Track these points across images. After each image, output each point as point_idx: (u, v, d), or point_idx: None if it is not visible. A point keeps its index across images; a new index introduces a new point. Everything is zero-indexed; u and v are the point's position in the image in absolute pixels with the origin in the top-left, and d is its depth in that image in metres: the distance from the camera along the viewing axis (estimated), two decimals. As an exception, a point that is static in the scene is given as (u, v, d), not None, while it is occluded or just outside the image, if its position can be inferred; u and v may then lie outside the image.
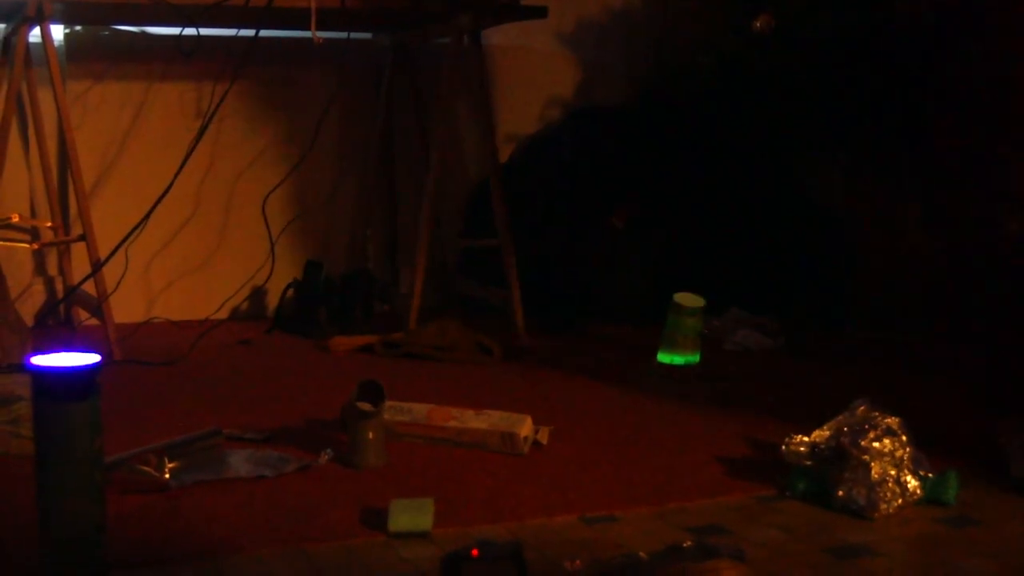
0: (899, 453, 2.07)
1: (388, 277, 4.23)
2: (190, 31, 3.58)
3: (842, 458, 2.07)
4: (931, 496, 2.09)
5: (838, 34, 3.70)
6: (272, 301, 4.06)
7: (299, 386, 3.00)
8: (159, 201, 3.36)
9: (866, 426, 2.10)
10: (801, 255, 4.03)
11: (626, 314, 3.98)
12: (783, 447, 2.17)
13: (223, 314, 4.03)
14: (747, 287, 3.96)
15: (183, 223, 4.02)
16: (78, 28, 3.86)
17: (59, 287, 3.91)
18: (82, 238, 3.35)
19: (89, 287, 3.40)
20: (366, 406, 2.28)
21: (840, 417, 2.17)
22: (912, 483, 2.06)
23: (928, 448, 2.15)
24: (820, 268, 4.02)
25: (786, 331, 3.72)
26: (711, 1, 4.15)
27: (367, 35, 4.14)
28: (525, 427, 2.43)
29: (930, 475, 2.12)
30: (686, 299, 3.21)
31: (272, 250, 4.01)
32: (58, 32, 3.82)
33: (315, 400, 2.81)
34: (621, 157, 4.17)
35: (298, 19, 3.41)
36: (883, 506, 2.01)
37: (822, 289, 4.00)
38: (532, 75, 4.46)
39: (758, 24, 3.84)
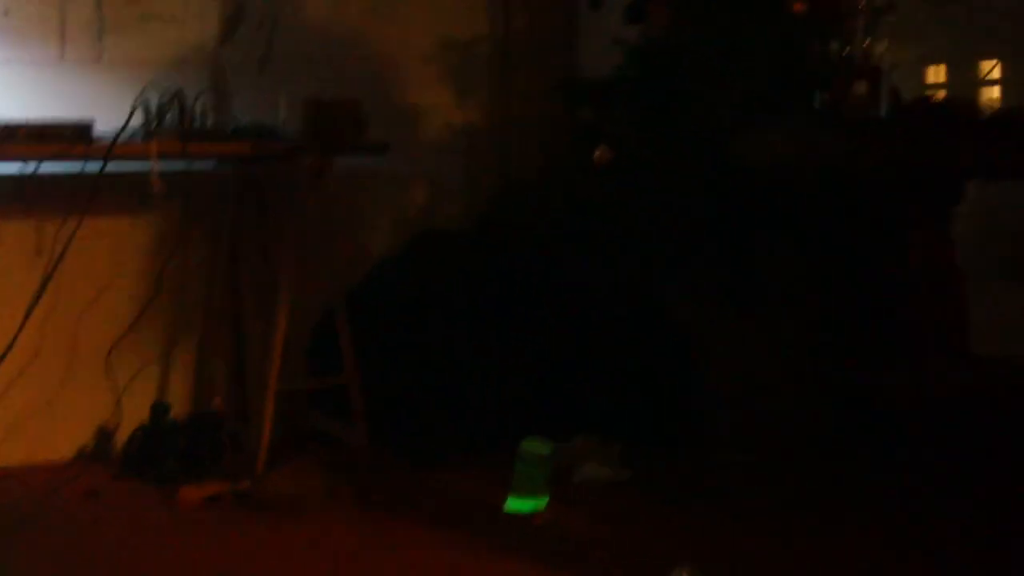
0: None
1: (237, 415, 4.21)
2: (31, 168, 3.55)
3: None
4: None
5: (674, 164, 3.80)
6: (119, 444, 4.02)
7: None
8: (4, 356, 3.32)
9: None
10: (649, 375, 4.11)
11: (482, 441, 4.02)
12: None
13: (69, 456, 3.98)
14: (598, 409, 4.03)
15: (25, 366, 3.96)
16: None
17: None
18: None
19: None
20: None
21: None
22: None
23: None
24: (667, 386, 4.10)
25: (634, 459, 3.78)
26: (553, 132, 4.25)
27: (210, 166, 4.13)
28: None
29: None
30: (533, 446, 3.27)
31: (119, 398, 3.98)
32: None
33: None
34: (463, 283, 4.22)
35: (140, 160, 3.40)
36: None
37: (671, 410, 4.08)
38: (380, 196, 4.49)
39: (597, 155, 3.94)
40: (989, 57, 5.29)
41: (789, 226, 3.48)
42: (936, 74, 6.62)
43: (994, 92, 6.28)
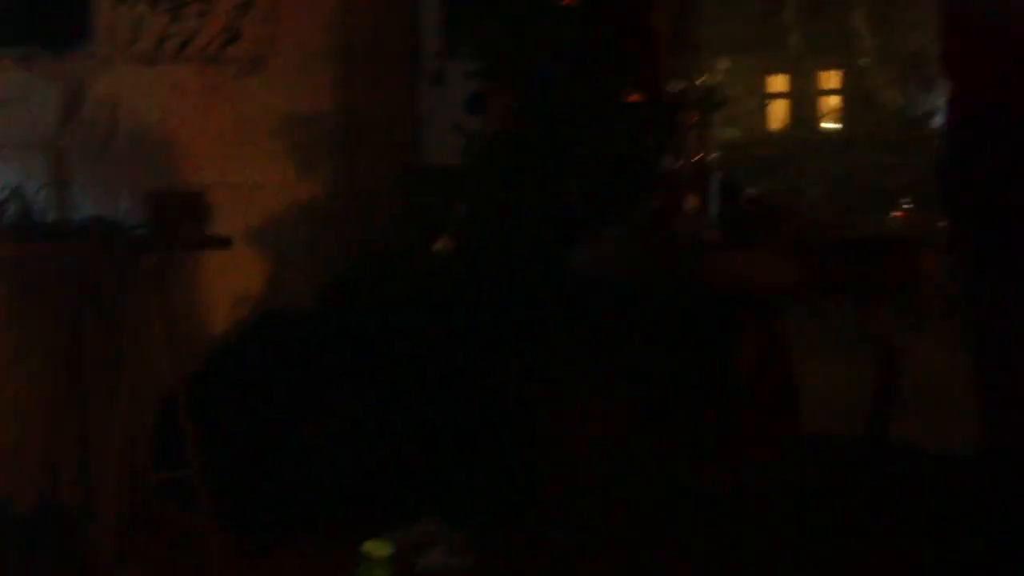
0: None
1: (82, 507, 4.19)
2: None
3: None
4: None
5: (510, 258, 3.90)
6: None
7: None
8: None
9: None
10: (493, 455, 4.19)
11: (326, 521, 4.06)
12: None
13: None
14: (444, 490, 4.10)
15: None
16: None
17: None
18: None
19: None
20: None
21: None
22: None
23: None
24: (511, 467, 4.19)
25: (481, 542, 3.86)
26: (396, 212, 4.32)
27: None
28: None
29: None
30: (375, 548, 3.32)
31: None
32: None
33: None
34: (305, 365, 4.26)
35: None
36: None
37: (515, 490, 4.16)
38: (221, 274, 4.50)
39: (438, 245, 4.02)
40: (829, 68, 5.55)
41: (618, 325, 3.59)
42: (776, 83, 6.85)
43: (832, 101, 6.52)
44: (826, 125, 6.71)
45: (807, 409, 3.66)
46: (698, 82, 3.37)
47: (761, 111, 6.96)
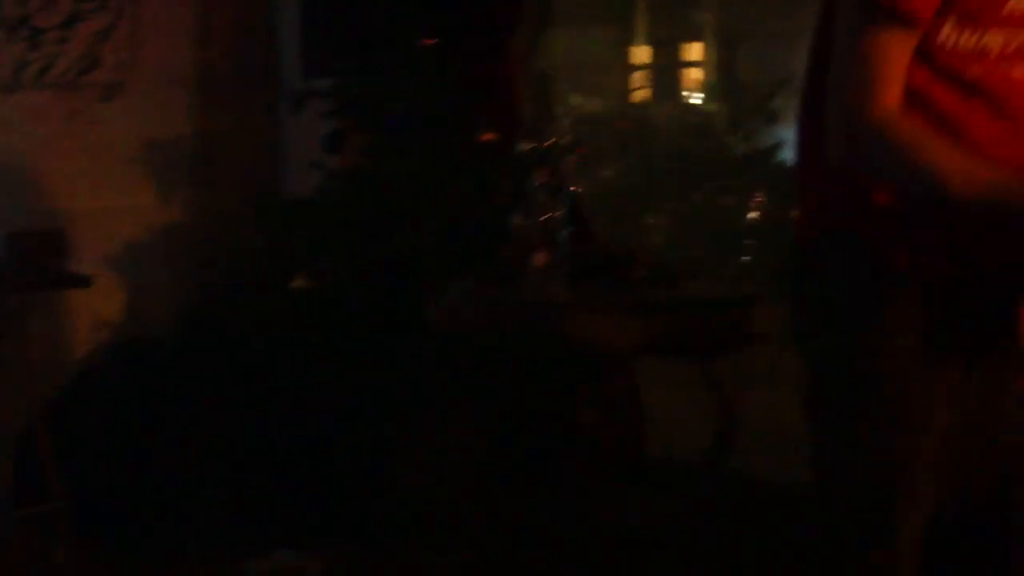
0: None
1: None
2: None
3: None
4: None
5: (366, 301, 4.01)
6: None
7: None
8: None
9: None
10: (352, 480, 4.29)
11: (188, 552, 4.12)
12: None
13: None
14: (302, 518, 4.19)
15: None
16: None
17: None
18: None
19: None
20: None
21: None
22: None
23: None
24: (366, 493, 4.30)
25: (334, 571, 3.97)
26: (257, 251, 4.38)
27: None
28: None
29: None
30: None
31: None
32: None
33: None
34: (160, 394, 4.31)
35: None
36: None
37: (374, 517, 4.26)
38: (79, 302, 4.53)
39: (297, 282, 4.11)
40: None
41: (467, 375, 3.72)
42: (640, 55, 6.95)
43: (694, 73, 6.64)
44: (690, 99, 6.76)
45: (666, 441, 3.87)
46: (547, 143, 3.49)
47: (624, 83, 7.03)
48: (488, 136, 4.07)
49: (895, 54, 1.90)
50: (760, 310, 3.49)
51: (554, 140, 3.49)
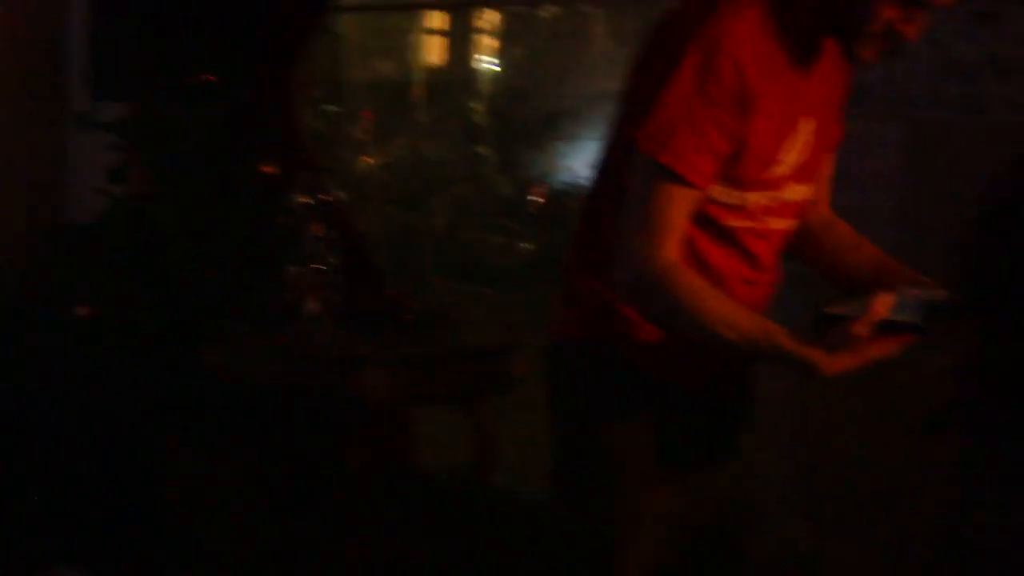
0: None
1: None
2: None
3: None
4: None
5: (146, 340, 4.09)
6: None
7: None
8: None
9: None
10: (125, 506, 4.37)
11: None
12: None
13: None
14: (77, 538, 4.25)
15: None
16: None
17: None
18: None
19: None
20: None
21: None
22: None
23: None
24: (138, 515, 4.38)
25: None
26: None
27: None
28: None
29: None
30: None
31: None
32: None
33: None
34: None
35: None
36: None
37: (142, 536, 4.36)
38: None
39: (80, 311, 4.18)
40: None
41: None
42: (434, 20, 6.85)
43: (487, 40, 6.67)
44: (485, 63, 6.72)
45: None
46: (324, 197, 3.64)
47: (417, 48, 7.01)
48: (268, 170, 4.19)
49: (679, 209, 2.11)
50: (521, 356, 3.71)
51: (333, 196, 3.64)
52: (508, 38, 5.48)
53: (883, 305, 2.01)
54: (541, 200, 4.96)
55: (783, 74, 2.16)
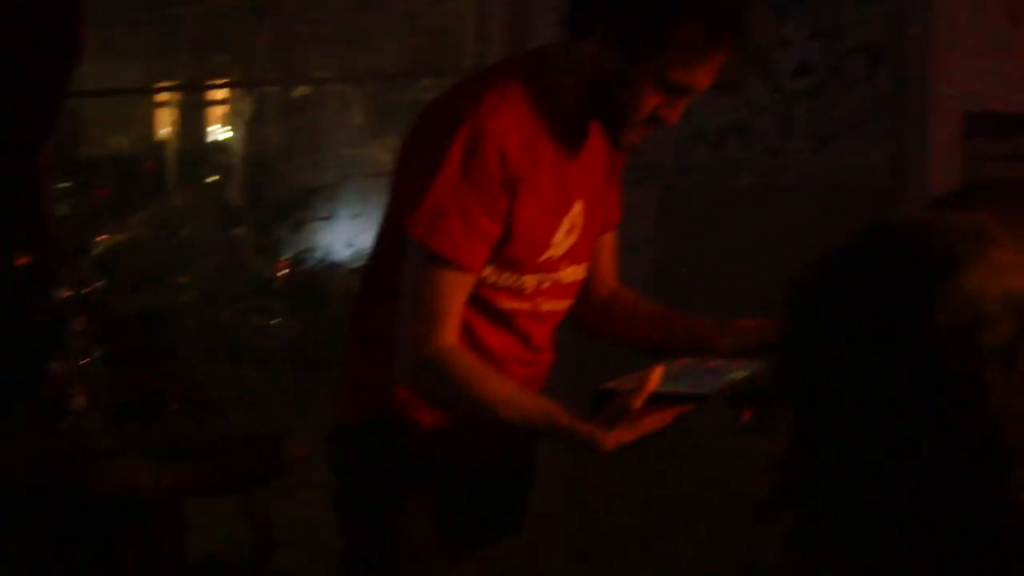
0: None
1: None
2: None
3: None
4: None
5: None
6: None
7: None
8: None
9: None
10: None
11: None
12: None
13: None
14: None
15: None
16: None
17: None
18: None
19: None
20: None
21: None
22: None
23: None
24: None
25: None
26: None
27: None
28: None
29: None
30: None
31: None
32: None
33: None
34: None
35: None
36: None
37: None
38: None
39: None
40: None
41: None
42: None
43: (219, 111, 6.65)
44: (217, 136, 6.68)
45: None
46: (86, 290, 3.56)
47: (150, 119, 6.95)
48: (22, 261, 4.09)
49: (454, 293, 2.14)
50: (295, 438, 3.69)
51: (94, 285, 3.56)
52: (260, 117, 5.48)
53: (655, 377, 2.07)
54: (286, 271, 4.97)
55: (551, 159, 2.21)
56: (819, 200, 3.55)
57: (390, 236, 2.26)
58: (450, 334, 2.15)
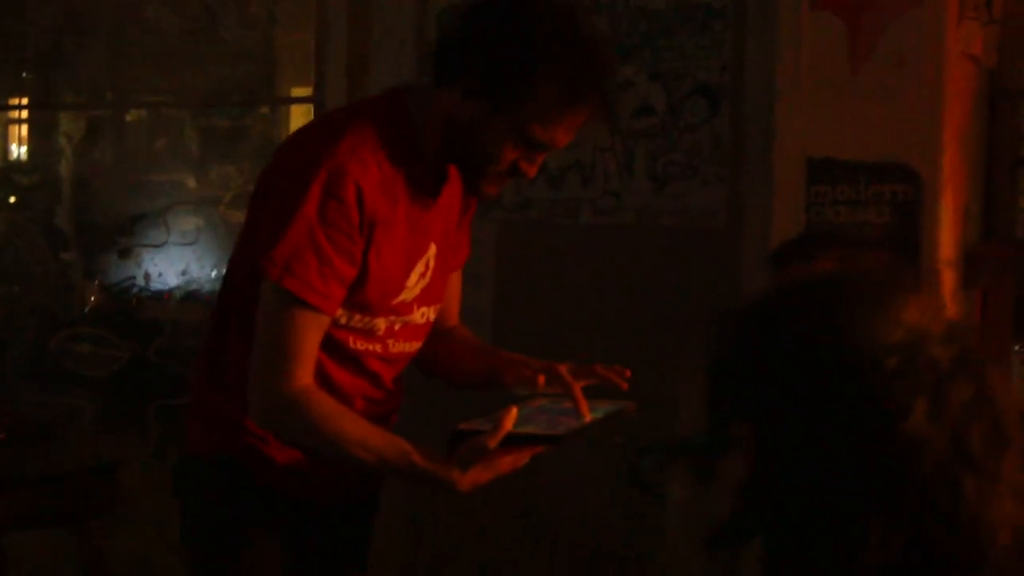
0: None
1: None
2: None
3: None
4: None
5: None
6: None
7: None
8: None
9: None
10: None
11: None
12: None
13: None
14: None
15: None
16: None
17: None
18: None
19: None
20: None
21: None
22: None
23: None
24: None
25: None
26: None
27: None
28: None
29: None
30: None
31: None
32: None
33: None
34: None
35: None
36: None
37: None
38: None
39: None
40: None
41: None
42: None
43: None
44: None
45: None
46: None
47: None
48: None
49: (308, 334, 2.13)
50: (128, 470, 3.63)
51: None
52: (91, 140, 5.36)
53: (510, 419, 2.09)
54: (93, 299, 4.88)
55: (407, 202, 2.23)
56: (658, 240, 3.62)
57: (244, 272, 2.24)
58: (305, 374, 2.14)
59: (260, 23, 4.76)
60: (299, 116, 4.73)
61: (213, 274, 4.70)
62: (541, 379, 2.31)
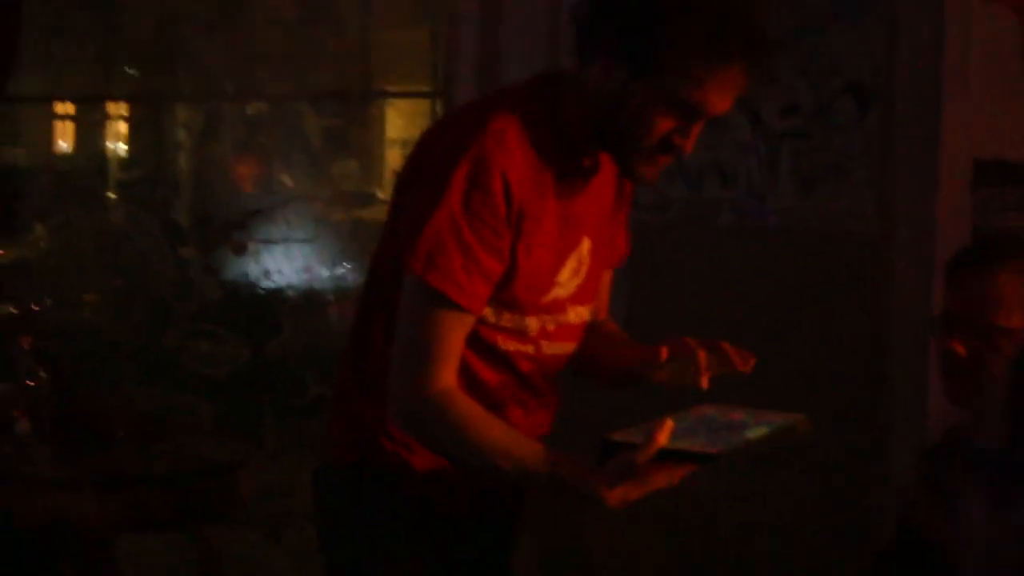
0: None
1: None
2: None
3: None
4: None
5: None
6: None
7: None
8: None
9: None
10: None
11: None
12: None
13: None
14: None
15: None
16: None
17: None
18: None
19: None
20: None
21: None
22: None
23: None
24: None
25: None
26: None
27: None
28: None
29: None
30: None
31: None
32: None
33: None
34: None
35: None
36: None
37: None
38: None
39: None
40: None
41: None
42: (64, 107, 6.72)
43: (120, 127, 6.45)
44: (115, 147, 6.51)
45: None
46: (35, 306, 3.39)
47: (49, 132, 6.77)
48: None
49: (452, 333, 2.02)
50: (247, 473, 3.54)
51: (43, 303, 3.41)
52: (209, 134, 5.30)
53: (664, 432, 1.93)
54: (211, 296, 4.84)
55: (557, 193, 2.09)
56: (802, 244, 3.47)
57: (387, 268, 2.13)
58: (446, 376, 2.03)
59: (380, 14, 4.69)
60: (418, 112, 4.65)
61: (333, 272, 4.62)
62: (702, 354, 2.12)
